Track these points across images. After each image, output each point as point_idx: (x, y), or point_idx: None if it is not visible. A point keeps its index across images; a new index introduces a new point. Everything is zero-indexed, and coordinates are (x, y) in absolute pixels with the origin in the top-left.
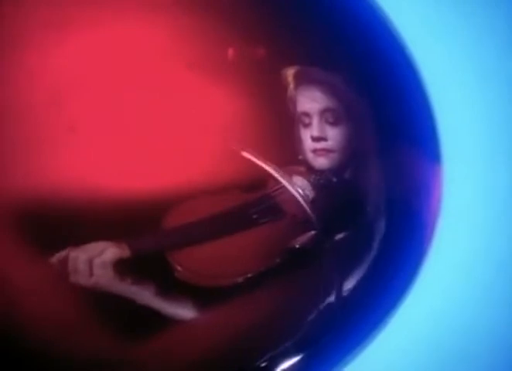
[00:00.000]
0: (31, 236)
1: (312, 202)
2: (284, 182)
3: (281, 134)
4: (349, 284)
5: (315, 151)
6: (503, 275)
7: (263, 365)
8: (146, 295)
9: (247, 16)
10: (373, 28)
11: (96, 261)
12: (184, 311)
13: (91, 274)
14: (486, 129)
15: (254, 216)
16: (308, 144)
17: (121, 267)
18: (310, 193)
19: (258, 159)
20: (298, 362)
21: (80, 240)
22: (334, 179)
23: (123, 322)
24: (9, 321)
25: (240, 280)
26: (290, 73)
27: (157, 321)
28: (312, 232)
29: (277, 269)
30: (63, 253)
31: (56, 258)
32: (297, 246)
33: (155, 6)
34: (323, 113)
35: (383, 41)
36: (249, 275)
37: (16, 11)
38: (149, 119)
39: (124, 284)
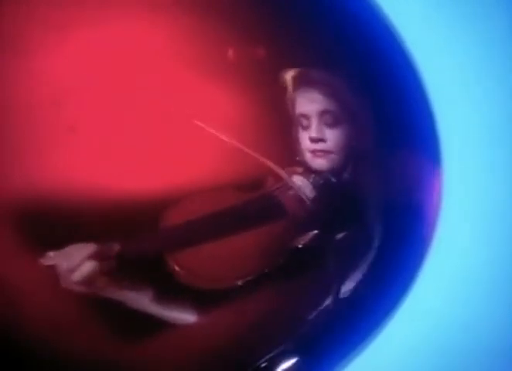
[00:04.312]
0: (31, 236)
1: (313, 202)
2: (287, 179)
3: (280, 135)
4: (349, 285)
5: (313, 152)
6: (504, 275)
7: (263, 365)
8: (144, 300)
9: (247, 16)
10: (373, 29)
11: (76, 275)
12: (183, 316)
13: (78, 284)
14: (485, 128)
15: (255, 215)
16: (307, 145)
17: (115, 272)
18: (311, 193)
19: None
20: (298, 362)
21: (80, 240)
22: (333, 179)
23: (122, 323)
24: (9, 321)
25: (240, 282)
26: (289, 74)
27: (156, 321)
28: (314, 231)
29: (279, 270)
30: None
31: (45, 261)
32: (300, 246)
33: (155, 6)
34: (322, 114)
35: (383, 41)
36: (250, 277)
37: (16, 11)
38: (149, 119)
39: (119, 290)
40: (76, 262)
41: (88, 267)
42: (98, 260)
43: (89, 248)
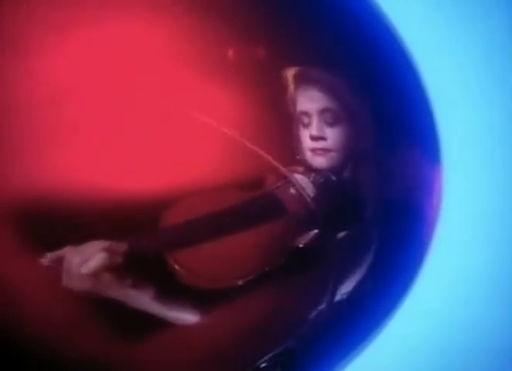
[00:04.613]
0: (31, 236)
1: (313, 200)
2: (288, 176)
3: (280, 134)
4: (349, 284)
5: (313, 150)
6: (504, 275)
7: (263, 365)
8: (145, 299)
9: (247, 16)
10: (373, 29)
11: (83, 269)
12: (184, 315)
13: (83, 280)
14: (485, 128)
15: (255, 215)
16: (308, 143)
17: (119, 270)
18: (310, 192)
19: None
20: (298, 362)
21: (80, 240)
22: (333, 178)
23: (122, 323)
24: (9, 321)
25: (241, 281)
26: (290, 73)
27: (156, 321)
28: (315, 230)
29: (280, 269)
30: (57, 254)
31: (49, 258)
32: (300, 245)
33: (155, 6)
34: (322, 113)
35: (383, 41)
36: (251, 276)
37: (17, 11)
38: (149, 119)
39: (121, 289)
40: (90, 253)
41: (100, 257)
42: (109, 254)
43: (101, 243)
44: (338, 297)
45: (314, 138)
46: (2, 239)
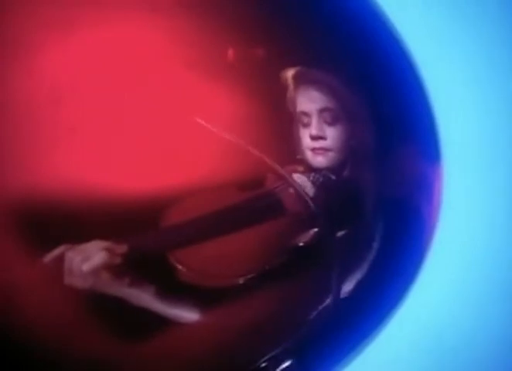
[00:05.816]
0: (30, 236)
1: (313, 200)
2: (287, 177)
3: (280, 134)
4: (349, 284)
5: (313, 149)
6: (504, 275)
7: (263, 365)
8: (146, 297)
9: (246, 17)
10: (373, 29)
11: (84, 266)
12: (185, 313)
13: (85, 278)
14: (485, 128)
15: (255, 214)
16: (307, 142)
17: (119, 269)
18: (310, 191)
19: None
20: (298, 361)
21: (80, 240)
22: (333, 177)
23: (123, 322)
24: (9, 321)
25: (242, 280)
26: (290, 73)
27: (157, 321)
28: (314, 229)
29: (280, 268)
30: (57, 252)
31: (50, 257)
32: (300, 244)
33: (155, 7)
34: (322, 112)
35: (382, 41)
36: (252, 275)
37: (17, 11)
38: (149, 119)
39: (122, 287)
40: (91, 252)
41: (101, 256)
42: (110, 253)
43: (103, 242)
44: (338, 297)
45: (314, 138)
46: (1, 239)
